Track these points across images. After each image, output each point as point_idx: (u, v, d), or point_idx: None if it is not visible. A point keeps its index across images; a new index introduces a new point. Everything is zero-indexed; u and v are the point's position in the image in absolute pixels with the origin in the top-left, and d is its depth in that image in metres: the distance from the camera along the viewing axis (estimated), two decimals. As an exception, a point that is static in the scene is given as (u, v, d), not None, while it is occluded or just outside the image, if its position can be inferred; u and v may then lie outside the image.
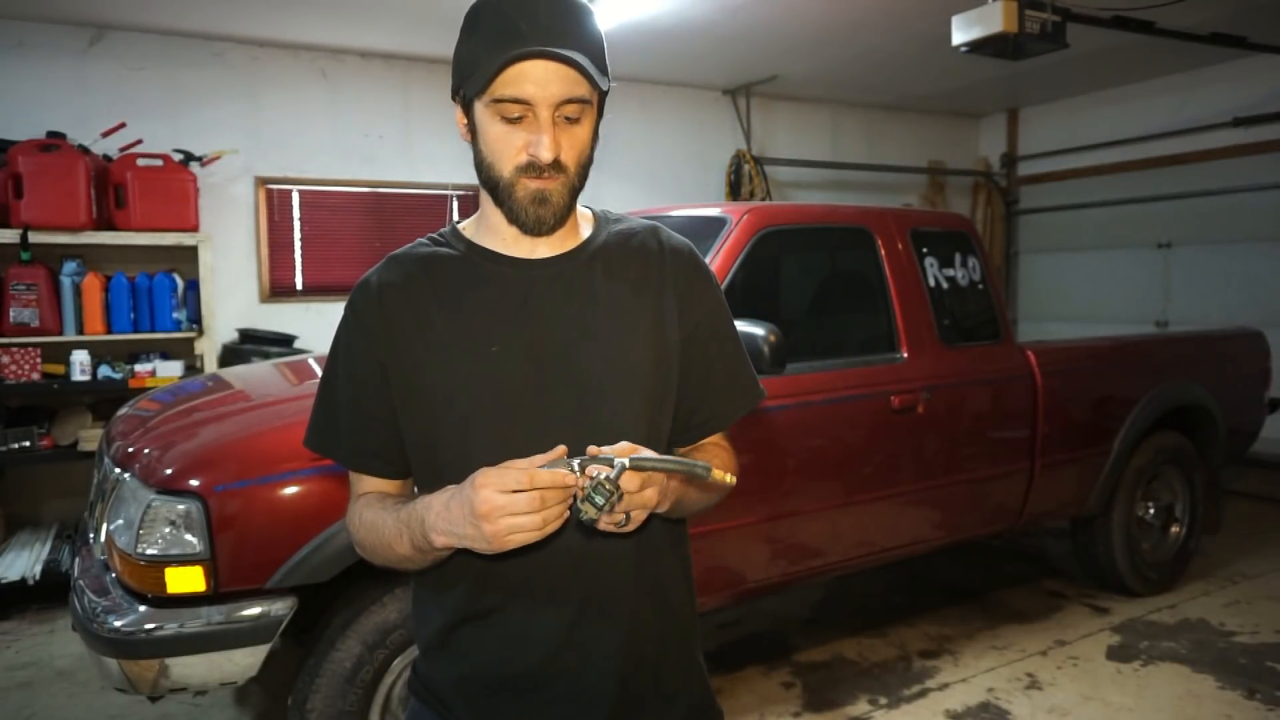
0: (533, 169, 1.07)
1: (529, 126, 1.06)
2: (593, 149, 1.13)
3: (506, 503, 0.94)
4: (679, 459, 1.01)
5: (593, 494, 0.95)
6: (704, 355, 1.23)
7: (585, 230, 1.21)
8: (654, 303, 1.18)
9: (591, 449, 0.99)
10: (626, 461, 0.96)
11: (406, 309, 1.13)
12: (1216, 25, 4.88)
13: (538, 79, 1.04)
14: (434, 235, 1.22)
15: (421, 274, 1.16)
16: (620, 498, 0.96)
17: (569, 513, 0.98)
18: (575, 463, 0.97)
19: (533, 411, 1.10)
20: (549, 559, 1.11)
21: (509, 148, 1.07)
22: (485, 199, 1.16)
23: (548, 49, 1.02)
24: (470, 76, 1.07)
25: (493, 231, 1.17)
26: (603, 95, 1.12)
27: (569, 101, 1.06)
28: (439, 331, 1.12)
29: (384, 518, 1.11)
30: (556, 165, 1.07)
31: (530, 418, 1.10)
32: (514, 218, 1.12)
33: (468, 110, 1.11)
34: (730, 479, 1.04)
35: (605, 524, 0.99)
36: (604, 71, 1.09)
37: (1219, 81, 6.44)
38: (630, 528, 1.01)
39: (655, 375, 1.16)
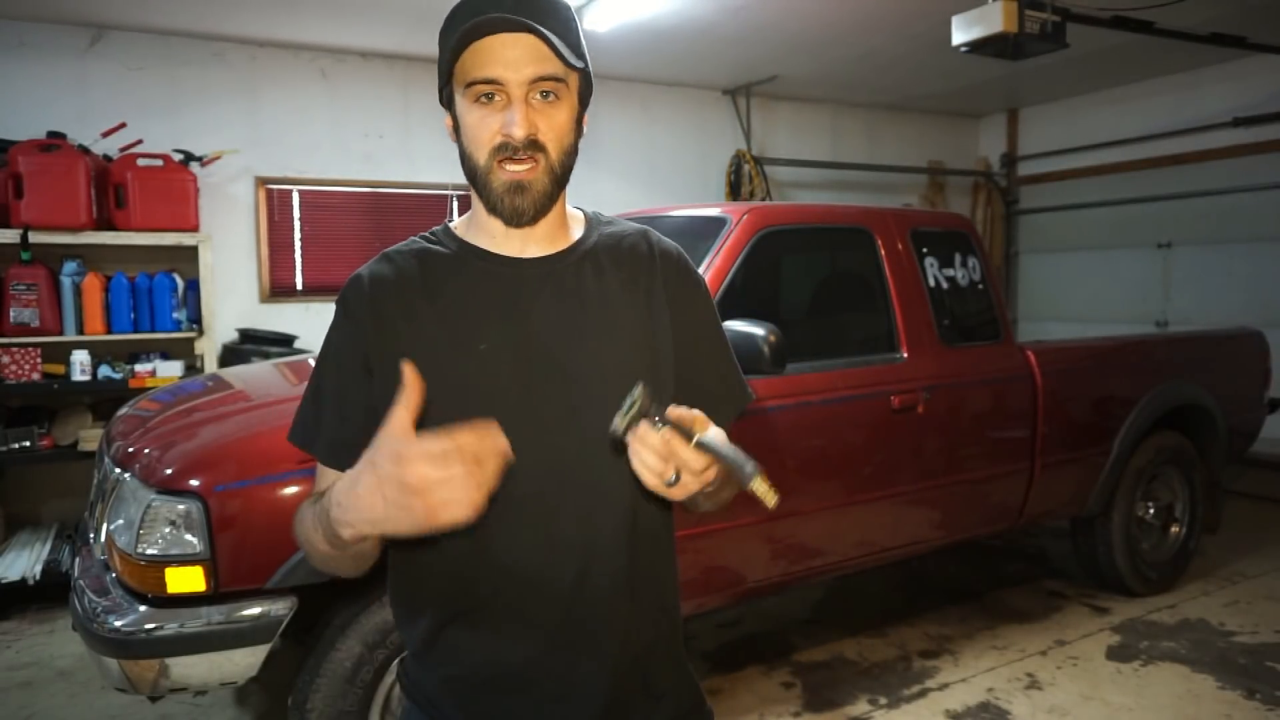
0: (507, 149, 1.07)
1: (502, 108, 1.07)
2: (576, 137, 1.13)
3: (445, 464, 0.86)
4: (736, 452, 0.96)
5: (623, 402, 0.95)
6: (695, 359, 1.23)
7: (576, 231, 1.21)
8: (644, 304, 1.18)
9: (672, 410, 0.96)
10: (697, 436, 0.95)
11: (396, 305, 1.13)
12: (1216, 25, 4.88)
13: (506, 59, 1.04)
14: (426, 234, 1.22)
15: (414, 270, 1.15)
16: (643, 413, 0.94)
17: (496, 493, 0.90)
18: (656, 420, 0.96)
19: (519, 410, 1.09)
20: (536, 554, 1.10)
21: (485, 131, 1.07)
22: (475, 197, 1.16)
23: (511, 17, 1.03)
24: (445, 70, 1.09)
25: (483, 229, 1.17)
26: (584, 81, 1.12)
27: (541, 79, 1.06)
28: (427, 328, 1.12)
29: (308, 512, 1.06)
30: (534, 145, 1.07)
31: (517, 416, 1.09)
32: (493, 208, 1.11)
33: (451, 107, 1.13)
34: (772, 499, 0.95)
35: (651, 479, 0.95)
36: (578, 54, 1.09)
37: (1219, 81, 6.44)
38: (676, 493, 0.96)
39: (644, 376, 1.15)
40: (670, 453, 0.94)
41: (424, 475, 0.86)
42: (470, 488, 0.86)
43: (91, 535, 2.56)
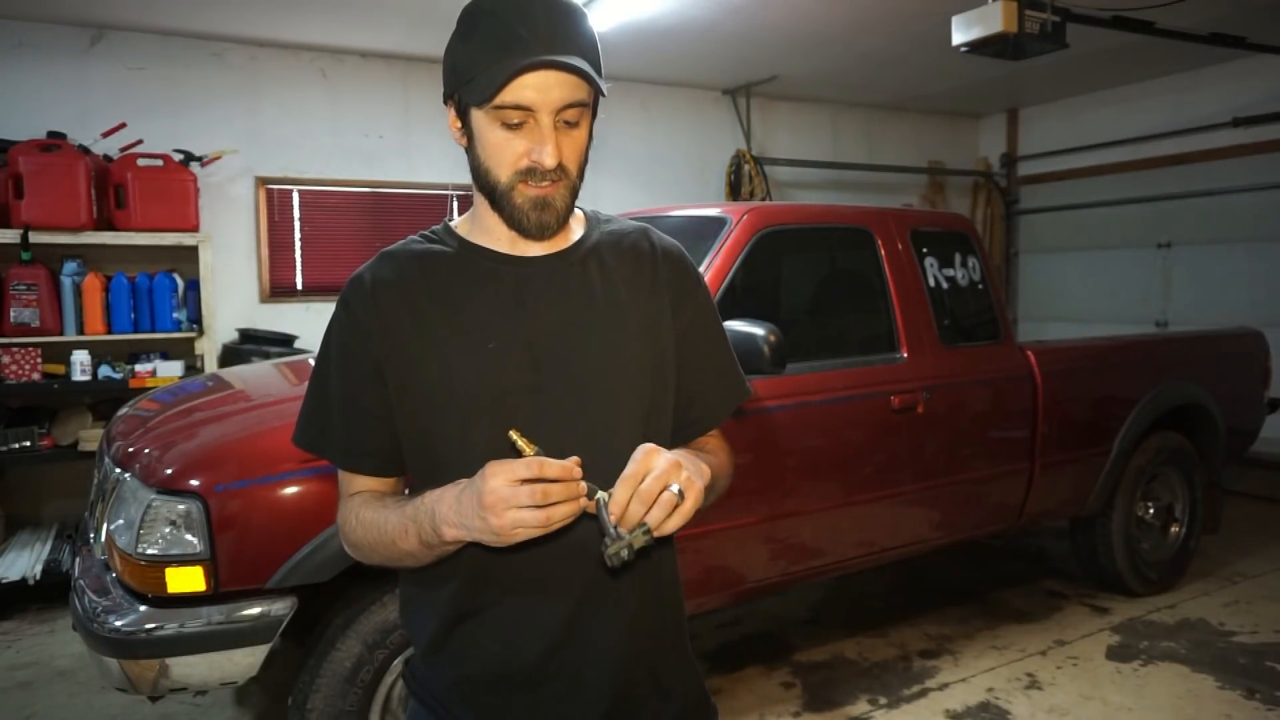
0: (534, 174, 1.08)
1: (529, 133, 1.07)
2: (589, 149, 1.14)
3: (511, 494, 0.94)
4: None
5: (618, 546, 0.97)
6: (695, 355, 1.24)
7: (577, 230, 1.22)
8: (647, 302, 1.19)
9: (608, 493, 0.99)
10: (647, 536, 0.98)
11: (401, 305, 1.13)
12: (1216, 25, 4.88)
13: (539, 85, 1.04)
14: (426, 233, 1.22)
15: (416, 270, 1.16)
16: (646, 541, 0.97)
17: (581, 512, 0.98)
18: (599, 496, 0.99)
19: (529, 409, 1.10)
20: (546, 555, 1.11)
21: (509, 154, 1.08)
22: (481, 201, 1.16)
23: (555, 59, 1.02)
24: (469, 83, 1.07)
25: (487, 231, 1.17)
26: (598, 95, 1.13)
27: (570, 106, 1.06)
28: (435, 328, 1.12)
29: (386, 515, 1.10)
30: (558, 169, 1.08)
31: (527, 415, 1.10)
32: (514, 223, 1.12)
33: (463, 115, 1.11)
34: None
35: (667, 522, 0.98)
36: (600, 72, 1.10)
37: (1219, 81, 6.44)
38: (689, 505, 1.01)
39: (650, 373, 1.17)
40: (640, 496, 0.98)
41: (498, 494, 0.95)
42: (538, 516, 0.94)
43: (91, 535, 2.56)
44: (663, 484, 0.97)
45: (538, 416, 1.10)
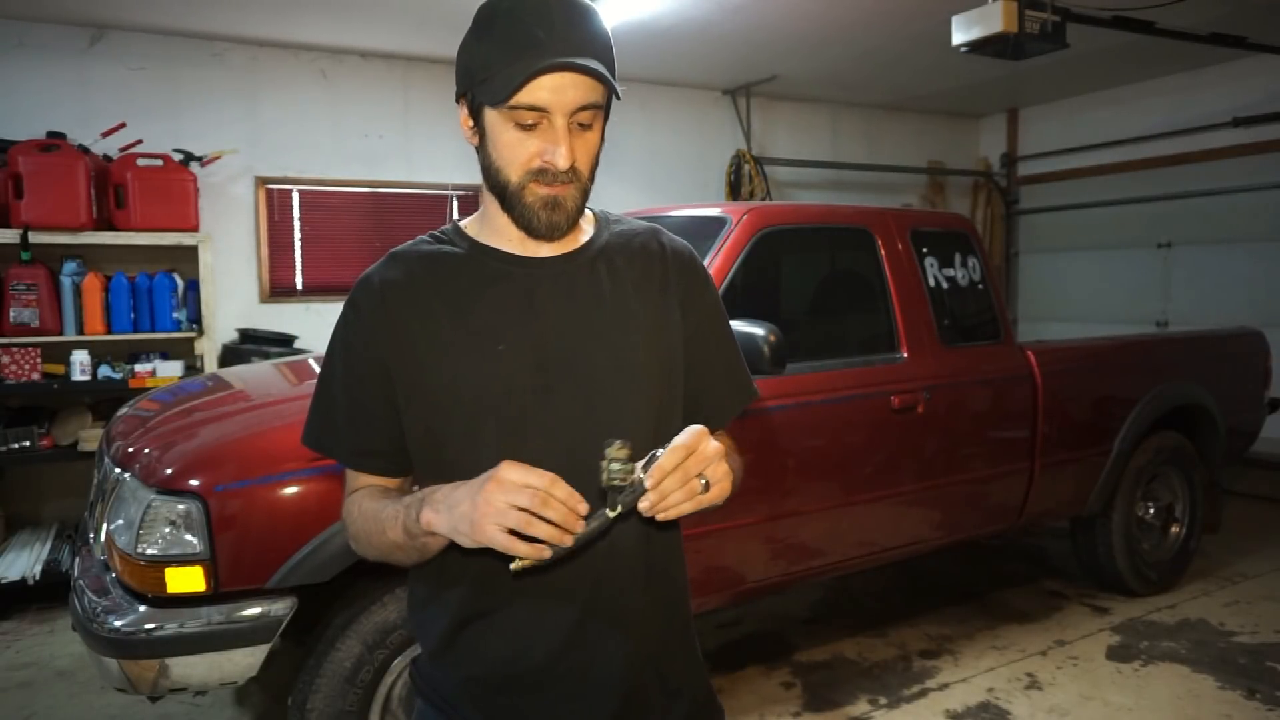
0: (545, 175, 1.08)
1: (543, 134, 1.06)
2: (600, 150, 1.14)
3: (517, 486, 0.94)
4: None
5: (630, 498, 0.98)
6: (704, 355, 1.24)
7: (587, 230, 1.22)
8: (657, 303, 1.19)
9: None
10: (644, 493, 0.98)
11: (410, 307, 1.13)
12: (1216, 25, 4.88)
13: (555, 87, 1.04)
14: (436, 233, 1.22)
15: (425, 272, 1.16)
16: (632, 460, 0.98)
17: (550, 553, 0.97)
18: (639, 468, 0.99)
19: (539, 410, 1.10)
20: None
21: (521, 154, 1.07)
22: (490, 201, 1.16)
23: (573, 61, 1.02)
24: (484, 83, 1.07)
25: (497, 232, 1.17)
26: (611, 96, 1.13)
27: (584, 108, 1.06)
28: (444, 329, 1.12)
29: (384, 505, 1.12)
30: (571, 171, 1.08)
31: (536, 416, 1.10)
32: (525, 223, 1.12)
33: (475, 114, 1.11)
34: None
35: (682, 504, 0.98)
36: (614, 73, 1.10)
37: (1219, 81, 6.44)
38: (709, 497, 1.01)
39: (659, 375, 1.17)
40: (684, 469, 0.98)
41: (508, 479, 0.94)
42: (519, 518, 0.93)
43: (91, 535, 2.56)
44: (705, 466, 0.99)
45: (546, 418, 1.10)
